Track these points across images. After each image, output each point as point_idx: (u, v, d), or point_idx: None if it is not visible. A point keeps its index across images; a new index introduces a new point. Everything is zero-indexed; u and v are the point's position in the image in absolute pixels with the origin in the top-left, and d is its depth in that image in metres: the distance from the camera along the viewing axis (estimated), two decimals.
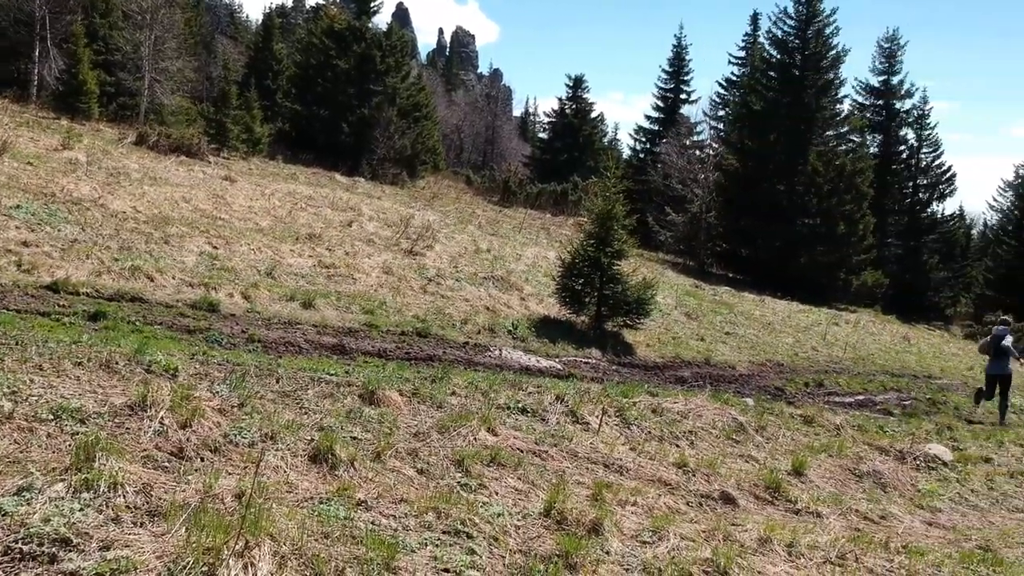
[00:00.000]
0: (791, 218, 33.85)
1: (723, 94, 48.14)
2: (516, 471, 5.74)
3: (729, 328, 17.52)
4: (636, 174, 44.95)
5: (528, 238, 26.05)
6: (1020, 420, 15.33)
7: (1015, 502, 8.82)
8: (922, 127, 44.80)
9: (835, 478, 7.65)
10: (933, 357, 23.42)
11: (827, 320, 24.79)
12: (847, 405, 12.64)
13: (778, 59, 35.46)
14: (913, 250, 43.63)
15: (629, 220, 12.92)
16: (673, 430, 7.70)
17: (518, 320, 12.31)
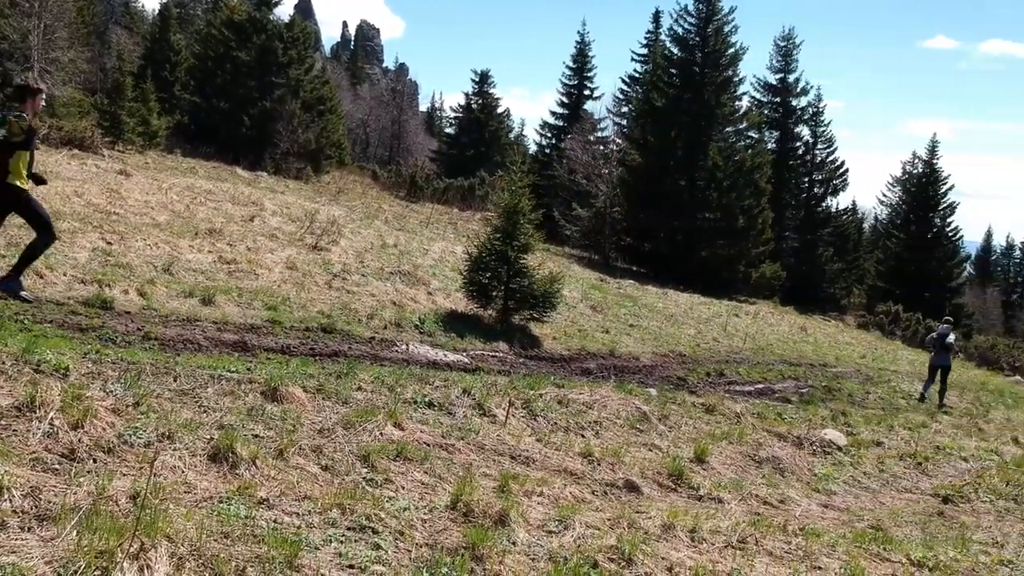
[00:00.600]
0: (692, 212, 34.59)
1: (626, 91, 48.85)
2: (423, 465, 5.72)
3: (633, 320, 17.80)
4: (542, 169, 45.27)
5: (435, 233, 25.97)
6: (908, 405, 16.02)
7: (904, 483, 9.23)
8: (817, 124, 46.38)
9: (736, 464, 7.86)
10: (829, 346, 24.28)
11: (727, 312, 25.41)
12: (747, 393, 12.98)
13: (679, 56, 36.16)
14: (809, 243, 45.12)
15: (535, 214, 13.00)
16: (579, 420, 7.79)
17: (425, 315, 12.26)
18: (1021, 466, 10.70)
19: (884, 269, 49.16)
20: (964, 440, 12.39)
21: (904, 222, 50.47)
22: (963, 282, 53.44)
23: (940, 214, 49.72)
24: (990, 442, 12.78)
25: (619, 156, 37.81)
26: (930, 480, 9.51)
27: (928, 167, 49.53)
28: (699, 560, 5.02)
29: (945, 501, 8.53)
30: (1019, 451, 12.34)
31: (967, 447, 11.69)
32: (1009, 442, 13.36)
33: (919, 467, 9.92)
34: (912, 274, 46.68)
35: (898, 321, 36.90)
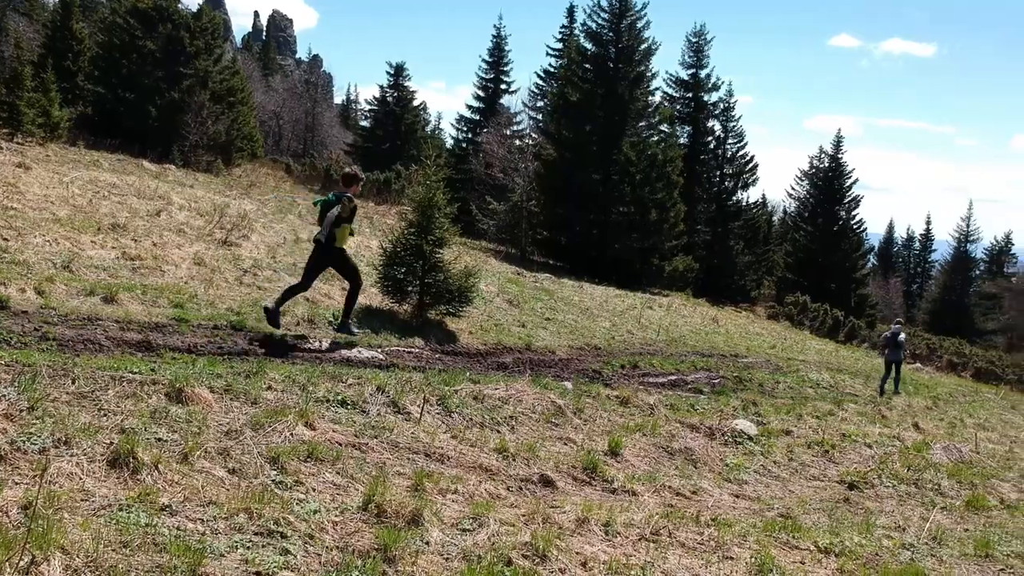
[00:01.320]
0: (607, 206, 34.92)
1: (542, 85, 49.02)
2: (335, 465, 5.62)
3: (549, 314, 17.85)
4: (459, 163, 45.18)
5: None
6: (816, 394, 16.44)
7: (812, 471, 9.47)
8: (728, 119, 47.30)
9: (649, 456, 7.94)
10: (740, 337, 24.77)
11: (642, 304, 25.70)
12: (661, 385, 13.14)
13: (593, 51, 36.43)
14: (720, 236, 46.04)
15: (451, 208, 12.88)
16: (494, 416, 7.76)
17: (339, 311, 12.06)
18: (921, 451, 11.10)
19: (792, 261, 50.53)
20: (868, 427, 12.77)
21: (811, 215, 51.97)
22: (867, 273, 55.27)
23: (845, 207, 51.35)
24: (892, 428, 13.21)
25: (535, 150, 37.94)
26: (837, 467, 9.78)
27: (834, 162, 51.08)
28: (613, 554, 5.04)
29: (851, 487, 8.79)
30: (919, 436, 12.79)
31: (871, 434, 12.04)
32: (910, 428, 13.86)
33: (826, 455, 10.18)
34: (819, 266, 48.12)
35: (806, 311, 37.96)
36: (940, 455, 11.11)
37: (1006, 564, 6.63)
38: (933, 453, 11.13)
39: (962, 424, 16.14)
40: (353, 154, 51.57)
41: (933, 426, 14.80)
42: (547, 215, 36.18)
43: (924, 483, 9.49)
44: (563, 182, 35.06)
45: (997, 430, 16.45)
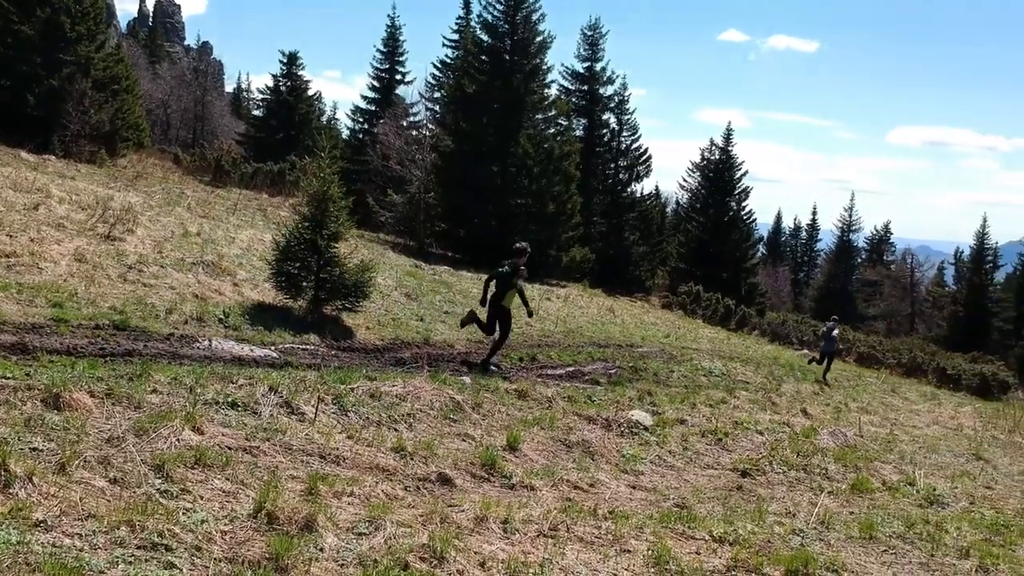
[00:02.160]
0: (505, 199, 34.93)
1: (438, 76, 48.68)
2: (224, 471, 5.42)
3: (448, 307, 17.77)
4: (355, 154, 44.55)
5: (243, 220, 24.97)
6: (708, 382, 16.80)
7: (706, 459, 9.67)
8: (622, 112, 47.91)
9: (547, 450, 7.96)
10: (635, 327, 25.19)
11: (540, 296, 25.85)
12: (559, 377, 13.22)
13: (489, 44, 36.34)
14: (616, 227, 46.66)
15: (346, 201, 12.66)
16: (391, 414, 7.65)
17: (230, 307, 11.70)
18: (809, 437, 11.47)
19: (685, 251, 51.63)
20: (759, 414, 13.13)
21: (703, 206, 53.16)
22: (757, 262, 56.93)
23: (736, 198, 52.70)
24: (782, 415, 13.62)
25: (432, 142, 37.69)
26: (730, 455, 10.01)
27: (724, 154, 52.35)
28: (512, 552, 5.02)
29: (743, 475, 9.00)
30: (807, 422, 13.22)
31: (762, 421, 12.38)
32: (799, 414, 14.32)
33: (719, 443, 10.42)
34: (711, 256, 49.29)
35: (699, 301, 38.84)
36: (827, 440, 11.51)
37: (888, 545, 6.88)
38: (820, 438, 11.52)
39: (847, 408, 16.77)
40: (245, 144, 50.21)
41: (820, 411, 15.34)
42: (445, 207, 36.00)
43: (812, 468, 9.80)
44: (461, 174, 34.93)
45: (879, 413, 17.18)
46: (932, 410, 19.88)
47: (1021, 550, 7.49)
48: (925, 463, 11.68)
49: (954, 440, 14.90)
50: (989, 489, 10.66)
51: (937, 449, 13.32)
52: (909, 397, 22.17)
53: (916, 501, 9.01)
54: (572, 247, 37.05)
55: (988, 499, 9.84)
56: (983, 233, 65.11)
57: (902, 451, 12.29)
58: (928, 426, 16.63)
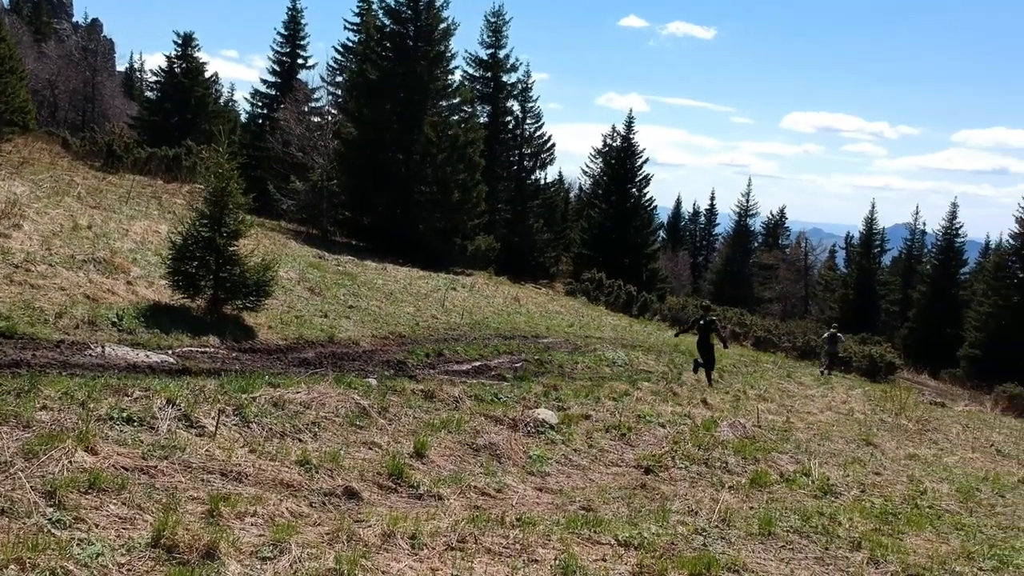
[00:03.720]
0: (409, 186, 34.72)
1: (340, 59, 47.88)
2: (120, 495, 5.22)
3: (352, 301, 17.56)
4: (255, 140, 43.51)
5: (137, 210, 24.09)
6: (612, 372, 17.03)
7: (611, 456, 9.80)
8: (526, 100, 48.12)
9: (455, 455, 7.93)
10: (540, 316, 25.36)
11: (445, 286, 25.79)
12: (465, 373, 13.21)
13: (392, 29, 35.91)
14: (520, 214, 46.90)
15: (246, 199, 12.33)
16: (296, 423, 7.50)
17: (125, 309, 11.28)
18: (710, 429, 11.72)
19: (588, 237, 52.24)
20: (661, 406, 13.37)
21: (605, 193, 53.84)
22: (658, 248, 58.02)
23: (637, 185, 53.53)
24: (684, 406, 13.89)
25: (335, 128, 37.07)
26: (634, 451, 10.16)
27: (625, 142, 53.09)
28: (420, 569, 4.99)
29: (647, 472, 9.15)
30: (708, 413, 13.52)
31: (664, 413, 12.61)
32: (699, 404, 14.61)
33: (623, 438, 10.56)
34: (613, 242, 50.01)
35: (602, 288, 39.37)
36: (727, 432, 11.79)
37: (786, 540, 7.10)
38: (720, 431, 11.79)
39: (745, 396, 17.19)
40: (139, 128, 48.46)
41: (720, 400, 15.67)
42: (349, 195, 35.54)
43: (713, 462, 10.03)
44: (365, 161, 34.51)
45: (776, 400, 17.68)
46: (825, 395, 20.56)
47: (908, 539, 7.83)
48: (820, 451, 12.09)
49: (846, 426, 15.45)
50: (878, 475, 11.12)
51: (830, 436, 13.77)
52: (804, 382, 22.87)
53: (812, 492, 9.30)
54: (478, 235, 37.09)
55: (877, 486, 10.25)
56: (871, 219, 67.72)
57: (798, 440, 12.67)
58: (822, 412, 17.19)
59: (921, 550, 7.54)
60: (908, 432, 16.19)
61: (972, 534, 8.56)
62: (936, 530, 8.45)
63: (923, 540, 7.92)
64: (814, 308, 73.17)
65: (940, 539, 8.12)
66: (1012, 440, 18.15)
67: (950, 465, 13.17)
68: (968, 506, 10.02)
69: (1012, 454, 15.86)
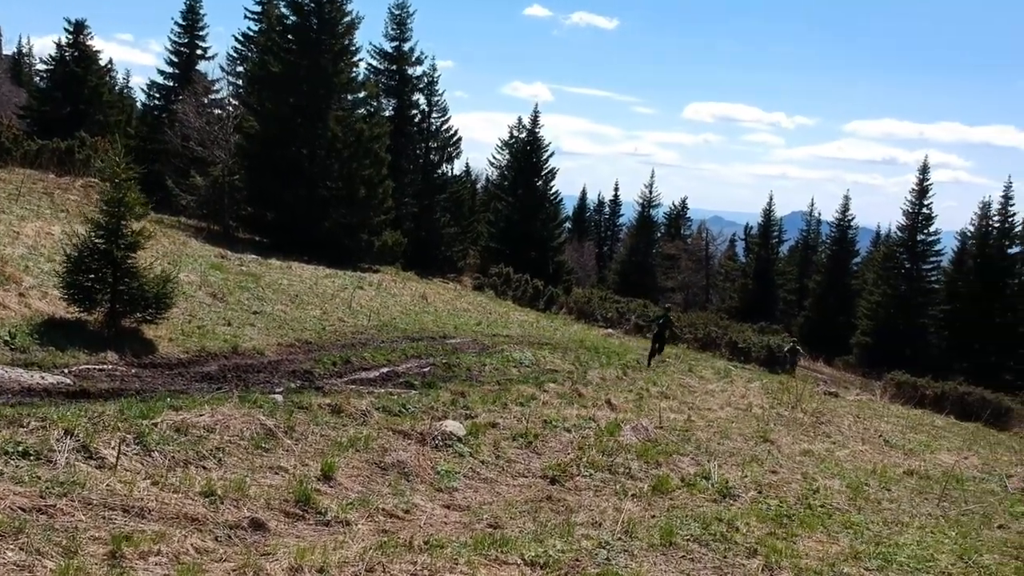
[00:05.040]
0: (315, 182, 34.28)
1: (241, 49, 46.84)
2: (18, 539, 5.09)
3: (257, 306, 17.30)
4: (152, 132, 42.32)
5: (28, 209, 23.17)
6: (520, 374, 17.20)
7: (518, 466, 9.94)
8: (432, 93, 47.95)
9: (363, 475, 7.95)
10: (448, 315, 25.40)
11: (352, 285, 25.61)
12: (373, 381, 13.19)
13: (294, 22, 35.32)
14: (427, 208, 46.81)
15: (144, 208, 12.01)
16: (199, 449, 7.41)
17: (17, 325, 10.89)
18: (613, 434, 11.95)
19: (495, 231, 52.51)
20: (567, 409, 13.56)
21: (512, 186, 54.16)
22: (564, 241, 58.65)
23: (543, 179, 54.01)
24: (588, 408, 14.12)
25: (236, 122, 36.28)
26: (540, 459, 10.33)
27: (531, 136, 53.45)
28: None
29: (552, 482, 9.33)
30: (612, 415, 13.77)
31: (570, 417, 12.80)
32: (604, 405, 14.85)
33: (530, 446, 10.72)
34: (520, 235, 50.40)
35: (509, 282, 39.65)
36: (630, 436, 12.06)
37: (687, 550, 7.34)
38: (624, 435, 12.05)
39: (648, 395, 17.55)
40: (28, 118, 46.44)
41: (624, 400, 15.98)
42: (252, 190, 34.85)
43: (617, 468, 10.26)
44: (268, 156, 33.91)
45: (677, 397, 18.09)
46: (725, 389, 21.15)
47: (801, 541, 8.19)
48: (719, 451, 12.46)
49: (744, 422, 15.93)
50: (774, 474, 11.54)
51: (729, 434, 14.15)
52: (705, 376, 23.48)
53: (711, 496, 9.61)
54: (384, 231, 36.86)
55: (773, 486, 10.65)
56: (769, 210, 69.83)
57: (699, 440, 13.00)
58: (722, 408, 17.68)
59: (813, 552, 7.89)
60: (803, 426, 16.78)
61: (860, 532, 8.99)
62: (827, 530, 8.85)
63: (815, 542, 8.28)
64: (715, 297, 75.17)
65: (831, 539, 8.51)
66: (899, 430, 19.02)
67: (841, 459, 13.73)
68: (857, 503, 10.49)
69: (899, 444, 16.61)
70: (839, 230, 64.62)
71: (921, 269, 56.44)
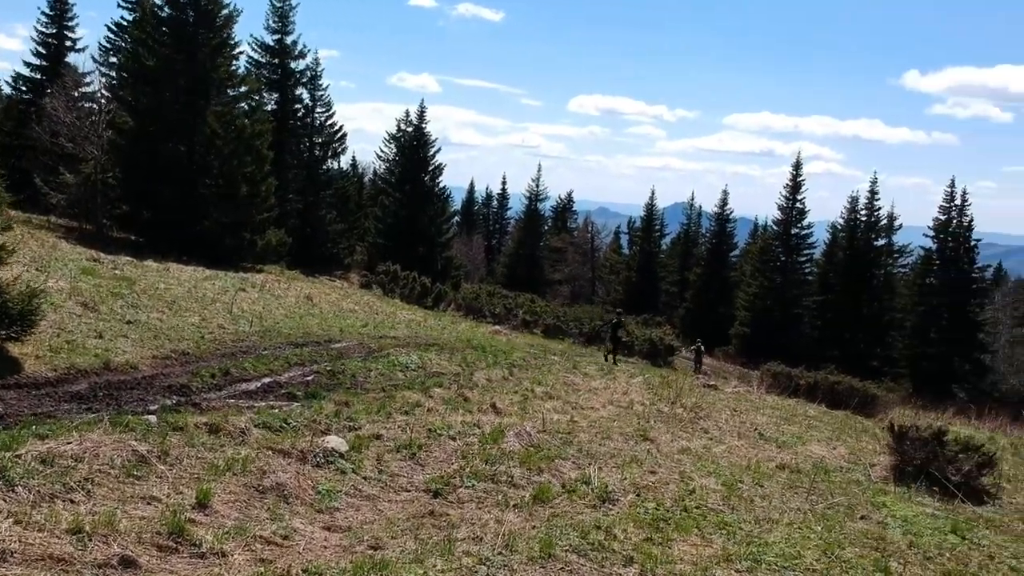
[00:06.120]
0: (194, 180, 33.35)
1: (114, 39, 45.02)
2: None
3: (131, 315, 16.73)
4: (18, 127, 40.34)
5: None
6: (407, 378, 17.09)
7: (401, 480, 9.90)
8: (315, 88, 47.30)
9: (241, 500, 7.82)
10: (334, 317, 25.11)
11: (234, 287, 25.05)
12: (254, 393, 12.95)
13: (169, 14, 34.21)
14: (312, 205, 46.18)
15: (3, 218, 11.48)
16: (67, 481, 7.15)
17: None
18: (497, 440, 11.98)
19: (383, 227, 52.19)
20: (452, 416, 13.54)
21: (399, 181, 53.91)
22: (452, 236, 58.73)
23: (431, 174, 53.91)
24: (474, 413, 14.13)
25: (109, 117, 34.91)
26: (424, 471, 10.32)
27: (418, 131, 53.25)
28: None
29: (435, 495, 9.34)
30: (497, 419, 13.80)
31: (455, 424, 12.77)
32: (489, 409, 14.88)
33: (414, 458, 10.70)
34: (408, 231, 50.23)
35: (397, 280, 39.48)
36: (513, 442, 12.16)
37: (565, 562, 7.49)
38: (507, 441, 12.12)
39: (533, 395, 17.67)
40: None
41: (509, 402, 16.06)
42: (127, 189, 33.68)
43: (500, 477, 10.32)
44: (143, 153, 32.81)
45: (561, 397, 18.31)
46: (608, 386, 21.53)
47: (677, 546, 8.46)
48: (600, 452, 12.68)
49: (625, 420, 16.24)
50: (653, 474, 11.83)
51: (610, 434, 14.38)
52: (589, 372, 23.84)
53: (591, 501, 9.79)
54: (268, 229, 36.17)
55: (652, 488, 10.92)
56: (651, 204, 71.60)
57: (580, 442, 13.16)
58: (604, 407, 17.97)
59: (687, 556, 8.17)
60: (683, 422, 17.22)
61: (732, 532, 9.34)
62: (701, 532, 9.16)
63: (689, 545, 8.58)
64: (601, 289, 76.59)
65: (704, 542, 8.82)
66: (774, 422, 19.74)
67: (718, 456, 14.17)
68: (731, 502, 10.87)
69: (773, 437, 17.25)
70: (718, 224, 66.77)
71: (795, 261, 58.88)
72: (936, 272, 57.47)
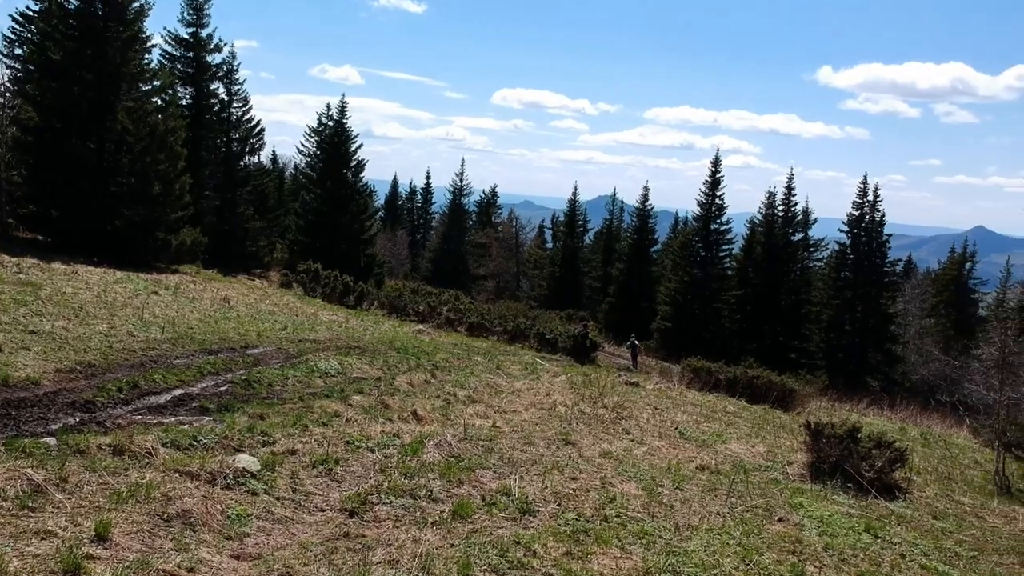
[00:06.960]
0: (104, 178, 32.26)
1: (19, 30, 43.15)
2: None
3: (35, 323, 16.04)
4: None
5: None
6: (326, 385, 16.66)
7: (317, 499, 9.57)
8: (232, 82, 46.19)
9: (144, 531, 7.46)
10: (251, 320, 24.48)
11: (146, 290, 24.29)
12: (164, 408, 12.50)
13: (77, 6, 32.99)
14: (230, 202, 45.16)
15: None
16: None
17: None
18: (416, 452, 11.72)
19: (304, 224, 51.33)
20: (372, 426, 13.22)
21: (320, 178, 53.06)
22: (375, 233, 58.10)
23: (352, 170, 53.17)
24: (394, 421, 13.84)
25: (14, 113, 33.53)
26: (340, 487, 10.01)
27: (339, 127, 52.45)
28: None
29: (351, 515, 9.05)
30: (418, 428, 13.51)
31: (374, 435, 12.46)
32: (410, 417, 14.58)
33: (331, 473, 10.38)
34: (329, 229, 49.54)
35: (318, 279, 38.84)
36: (433, 453, 11.94)
37: None
38: (427, 452, 11.88)
39: (455, 399, 17.46)
40: None
41: (430, 408, 15.79)
42: (33, 187, 32.40)
43: (419, 491, 10.06)
44: (50, 151, 31.58)
45: (484, 401, 18.13)
46: (531, 387, 21.45)
47: (597, 560, 8.42)
48: (522, 459, 12.55)
49: (548, 423, 16.17)
50: (574, 480, 11.77)
51: (532, 439, 14.26)
52: (512, 372, 23.76)
53: (512, 514, 9.66)
54: (183, 228, 35.21)
55: (572, 496, 10.85)
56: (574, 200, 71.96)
57: (502, 449, 12.99)
58: (527, 409, 17.84)
59: (608, 571, 8.14)
60: (605, 423, 17.24)
61: (652, 542, 9.35)
62: (621, 543, 9.14)
63: (609, 559, 8.54)
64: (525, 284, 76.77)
65: (624, 554, 8.79)
66: (694, 419, 19.96)
67: (639, 459, 14.21)
68: (651, 508, 10.90)
69: (693, 436, 17.41)
70: (640, 219, 67.46)
71: (715, 256, 59.83)
72: (850, 266, 59.15)
